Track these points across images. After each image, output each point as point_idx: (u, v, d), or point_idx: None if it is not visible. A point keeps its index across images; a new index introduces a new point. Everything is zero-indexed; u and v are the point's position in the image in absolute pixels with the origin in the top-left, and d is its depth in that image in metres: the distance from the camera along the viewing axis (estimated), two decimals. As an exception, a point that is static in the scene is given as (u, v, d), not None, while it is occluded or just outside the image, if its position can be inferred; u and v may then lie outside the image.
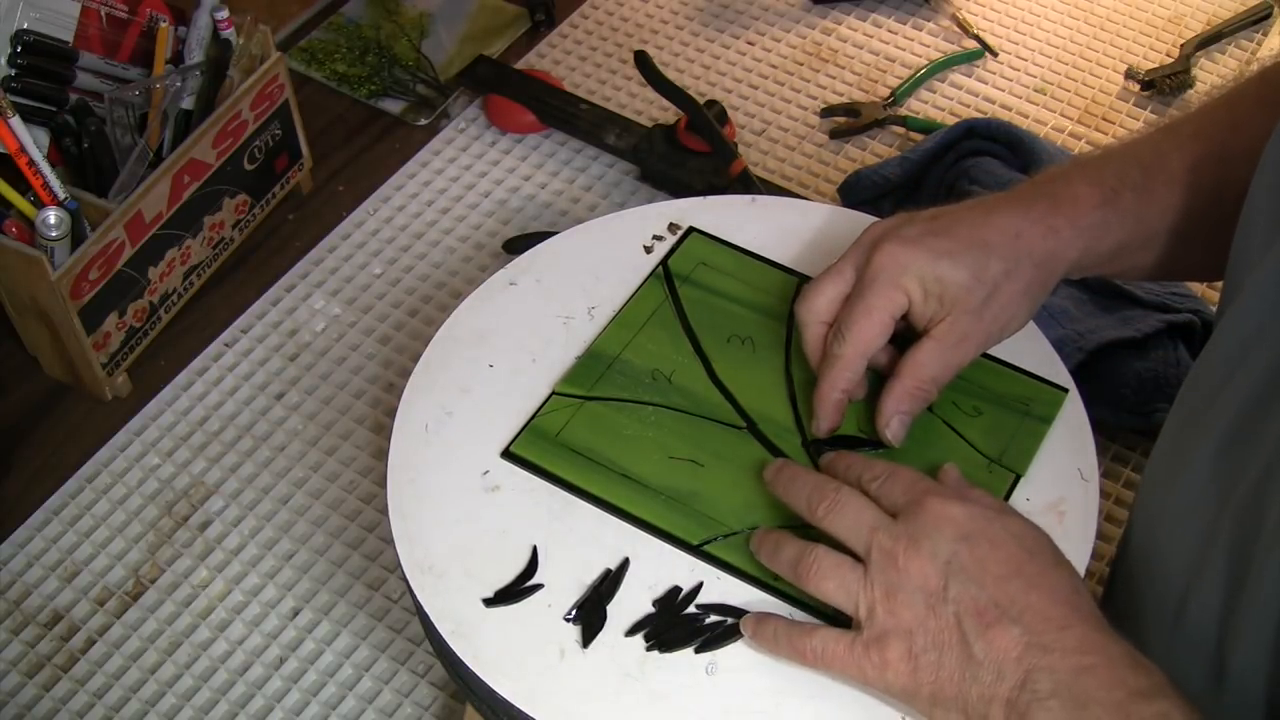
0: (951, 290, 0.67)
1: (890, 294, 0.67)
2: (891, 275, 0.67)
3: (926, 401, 0.69)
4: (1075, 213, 0.68)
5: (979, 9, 1.21)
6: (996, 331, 0.69)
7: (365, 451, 0.93)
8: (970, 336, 0.68)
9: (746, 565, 0.65)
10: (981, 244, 0.67)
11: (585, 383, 0.72)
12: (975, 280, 0.67)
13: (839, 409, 0.69)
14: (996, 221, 0.68)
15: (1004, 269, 0.67)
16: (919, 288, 0.67)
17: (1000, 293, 0.67)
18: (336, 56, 1.17)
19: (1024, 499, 0.67)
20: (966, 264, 0.67)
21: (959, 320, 0.67)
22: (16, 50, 0.95)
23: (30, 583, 0.87)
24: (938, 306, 0.67)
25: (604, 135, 1.09)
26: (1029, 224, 0.68)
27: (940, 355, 0.68)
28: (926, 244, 0.67)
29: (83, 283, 0.89)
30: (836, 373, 0.68)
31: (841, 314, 0.69)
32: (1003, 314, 0.68)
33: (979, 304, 0.67)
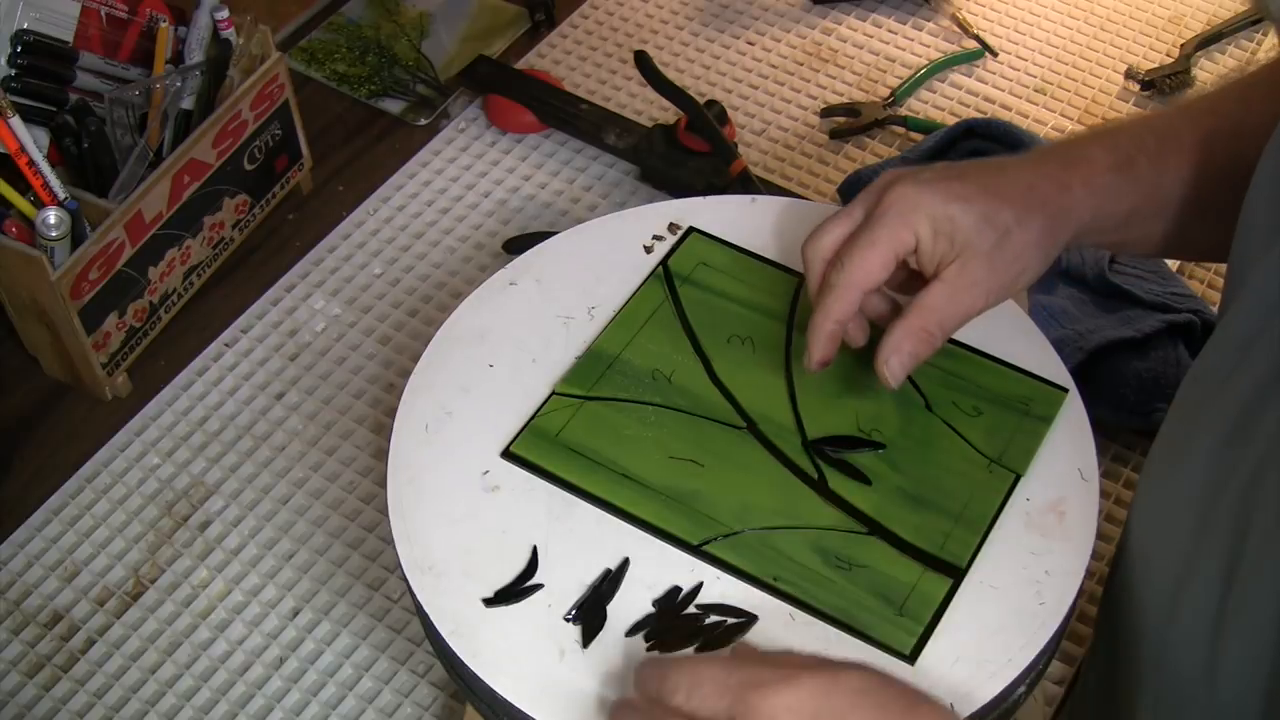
0: (962, 231, 0.66)
1: (898, 230, 0.66)
2: (901, 212, 0.66)
3: (930, 345, 0.67)
4: (1089, 172, 0.68)
5: (979, 9, 1.21)
6: (1008, 281, 0.68)
7: (365, 451, 0.93)
8: (980, 283, 0.67)
9: (747, 565, 0.65)
10: (994, 191, 0.67)
11: (585, 383, 0.72)
12: (986, 223, 0.66)
13: (833, 340, 0.68)
14: (1009, 174, 0.68)
15: (1015, 216, 0.66)
16: (929, 227, 0.66)
17: (1011, 240, 0.66)
18: (336, 56, 1.17)
19: (1024, 499, 0.67)
20: (978, 207, 0.66)
21: (969, 264, 0.66)
22: (16, 50, 0.95)
23: (30, 583, 0.87)
24: (948, 248, 0.66)
25: (604, 135, 1.09)
26: (1041, 178, 0.68)
27: (948, 297, 0.67)
28: (939, 186, 0.67)
29: (83, 283, 0.89)
30: (831, 301, 0.67)
31: (844, 246, 0.68)
32: (1015, 263, 0.67)
33: (990, 248, 0.66)
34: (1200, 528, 0.58)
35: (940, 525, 0.66)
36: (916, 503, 0.67)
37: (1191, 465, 0.59)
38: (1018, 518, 0.67)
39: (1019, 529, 0.66)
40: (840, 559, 0.65)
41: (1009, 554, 0.65)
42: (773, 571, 0.64)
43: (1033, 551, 0.65)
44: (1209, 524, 0.57)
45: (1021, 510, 0.67)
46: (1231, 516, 0.56)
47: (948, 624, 0.63)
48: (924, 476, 0.68)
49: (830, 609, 0.63)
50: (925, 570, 0.65)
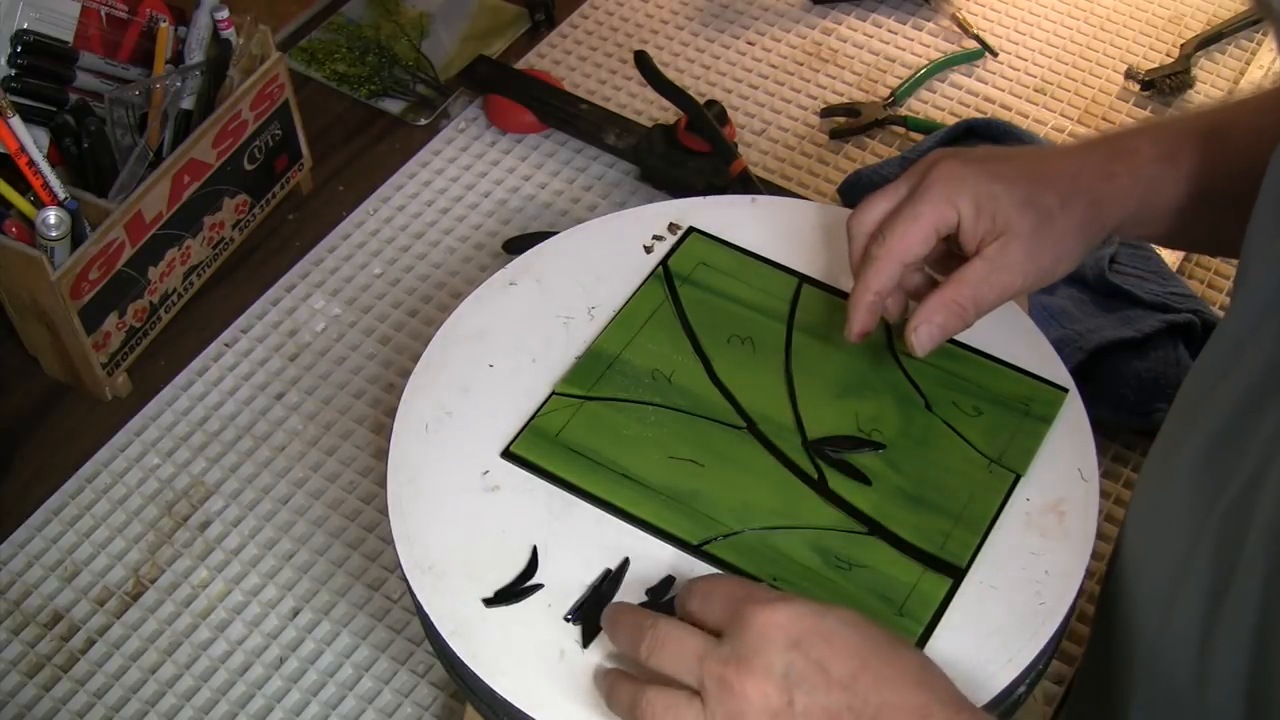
0: (1004, 210, 0.66)
1: (941, 206, 0.67)
2: (945, 189, 0.67)
3: (960, 319, 0.68)
4: (1134, 162, 0.68)
5: (979, 9, 1.21)
6: (1047, 265, 0.67)
7: (365, 451, 0.93)
8: (1019, 264, 0.67)
9: (747, 565, 0.65)
10: (1039, 175, 0.67)
11: (585, 383, 0.72)
12: (1029, 205, 0.66)
13: (871, 311, 0.69)
14: (1055, 160, 0.68)
15: (1059, 201, 0.66)
16: (971, 204, 0.66)
17: (1053, 224, 0.66)
18: (336, 56, 1.17)
19: (1024, 499, 0.67)
20: (1022, 189, 0.66)
21: (1009, 244, 0.66)
22: (16, 50, 0.95)
23: (30, 583, 0.87)
24: (989, 226, 0.66)
25: (604, 135, 1.09)
26: (1087, 166, 0.68)
27: (986, 274, 0.67)
28: (985, 166, 0.67)
29: (83, 283, 0.89)
30: (871, 273, 0.68)
31: (887, 219, 0.68)
32: (1055, 248, 0.67)
33: (1030, 230, 0.66)
34: (1193, 533, 0.57)
35: (940, 525, 0.66)
36: (916, 503, 0.67)
37: (1186, 469, 0.59)
38: (1018, 518, 0.67)
39: (1019, 529, 0.66)
40: (840, 559, 0.65)
41: (1009, 554, 0.65)
42: (772, 572, 0.64)
43: (1033, 551, 0.65)
44: (1202, 530, 0.57)
45: (1021, 510, 0.67)
46: (1224, 523, 0.56)
47: (947, 624, 0.63)
48: (924, 476, 0.68)
49: (830, 609, 0.63)
50: (925, 570, 0.65)
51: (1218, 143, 0.69)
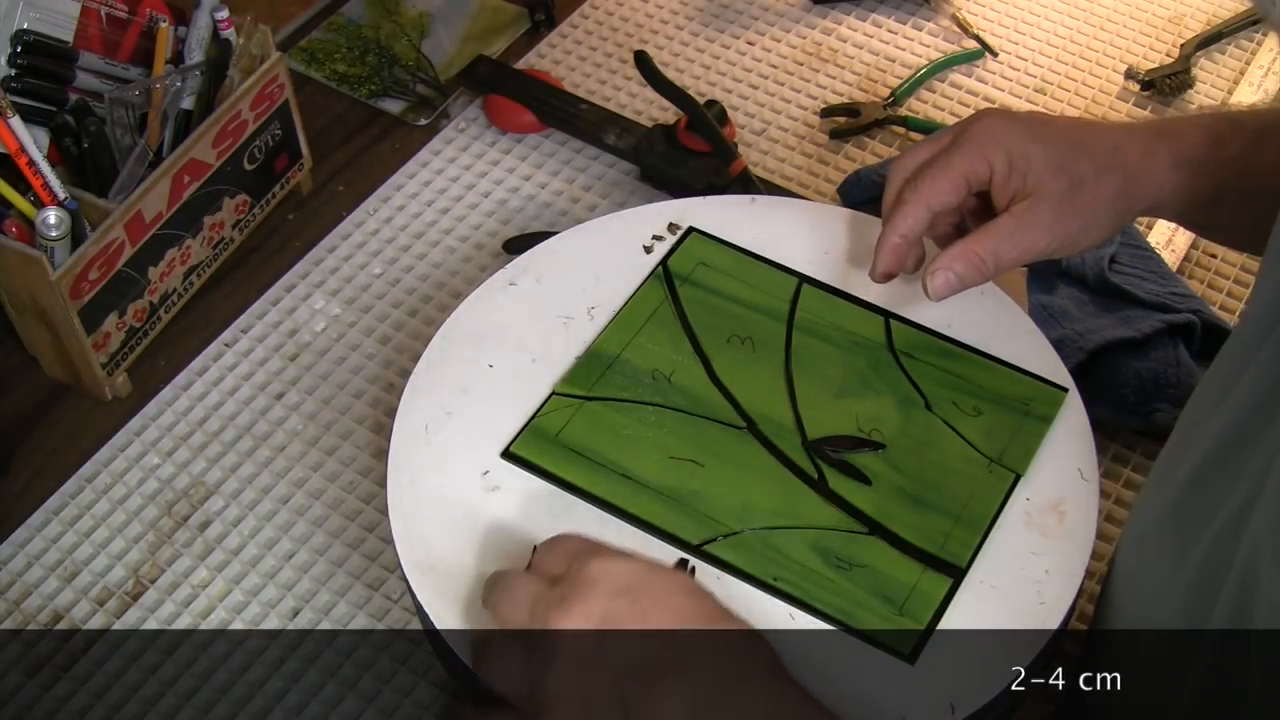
0: (1037, 170, 0.66)
1: (974, 158, 0.67)
2: (981, 142, 0.67)
3: (979, 272, 0.68)
4: (1178, 145, 0.68)
5: (979, 9, 1.21)
6: (1074, 231, 0.68)
7: (365, 451, 0.93)
8: (1045, 225, 0.67)
9: (747, 565, 0.65)
10: (1078, 141, 0.67)
11: (585, 383, 0.72)
12: (1062, 168, 0.66)
13: (896, 253, 0.70)
14: (1097, 130, 0.69)
15: (1094, 169, 0.67)
16: (1004, 160, 0.67)
17: (1085, 191, 0.66)
18: (336, 56, 1.17)
19: (1024, 499, 0.67)
20: (1058, 151, 0.66)
21: (1038, 204, 0.66)
22: (16, 50, 0.94)
23: (30, 583, 0.87)
24: (1020, 184, 0.67)
25: (604, 135, 1.09)
26: (1129, 141, 0.68)
27: (1011, 231, 0.67)
28: (1025, 124, 0.68)
29: (83, 283, 0.89)
30: (899, 216, 0.69)
31: (921, 166, 0.69)
32: (1084, 214, 0.67)
33: (1061, 193, 0.66)
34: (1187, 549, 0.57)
35: (940, 525, 0.66)
36: (916, 503, 0.67)
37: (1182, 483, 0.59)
38: (1018, 517, 0.67)
39: (1019, 529, 0.66)
40: (840, 559, 0.65)
41: (1009, 554, 0.65)
42: (773, 572, 0.64)
43: (1033, 551, 0.65)
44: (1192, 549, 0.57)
45: (1021, 510, 0.67)
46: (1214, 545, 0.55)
47: (948, 623, 0.63)
48: (924, 476, 0.68)
49: (830, 609, 0.63)
50: (925, 570, 0.65)
51: (1271, 141, 0.68)
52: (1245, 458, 0.54)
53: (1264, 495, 0.52)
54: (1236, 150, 0.68)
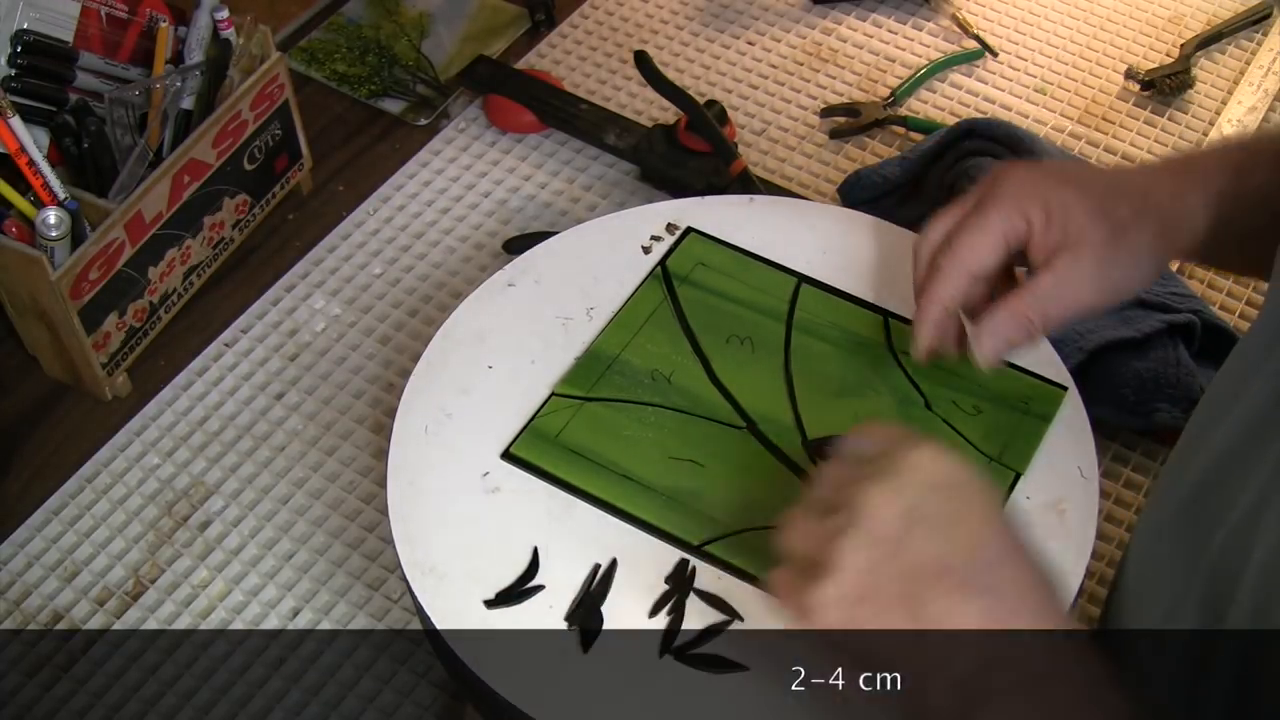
0: (1076, 218, 0.63)
1: (1010, 214, 0.64)
2: (1015, 197, 0.64)
3: (1027, 334, 0.65)
4: (1205, 183, 0.65)
5: (979, 9, 1.21)
6: (1119, 280, 0.65)
7: (365, 451, 0.93)
8: (1090, 279, 0.64)
9: (747, 565, 0.65)
10: (1112, 186, 0.65)
11: (584, 383, 0.72)
12: (1102, 215, 0.63)
13: (937, 326, 0.66)
14: (1128, 176, 0.66)
15: (1131, 216, 0.64)
16: (1041, 212, 0.63)
17: (1126, 238, 0.64)
18: (336, 56, 1.17)
19: (1024, 497, 0.67)
20: (1094, 197, 0.64)
21: (1080, 256, 0.63)
22: (16, 50, 0.95)
23: (30, 583, 0.87)
24: (1060, 236, 0.63)
25: (604, 135, 1.09)
26: (1156, 184, 0.65)
27: (1056, 288, 0.64)
28: (1055, 175, 0.65)
29: (83, 283, 0.89)
30: (938, 283, 0.65)
31: (954, 230, 0.65)
32: (1127, 261, 0.64)
33: (1103, 241, 0.63)
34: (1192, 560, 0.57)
35: None
36: (916, 503, 0.67)
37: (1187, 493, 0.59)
38: (1018, 516, 0.66)
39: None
40: (840, 559, 0.65)
41: (1009, 554, 0.65)
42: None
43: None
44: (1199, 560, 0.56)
45: (1022, 509, 0.67)
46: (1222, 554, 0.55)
47: (947, 624, 0.63)
48: (924, 476, 0.68)
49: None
50: (925, 570, 0.65)
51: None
52: (1257, 460, 0.54)
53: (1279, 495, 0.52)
54: (1260, 180, 0.65)
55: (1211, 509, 0.56)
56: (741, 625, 0.63)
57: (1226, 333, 0.92)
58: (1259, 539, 0.52)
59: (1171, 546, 0.60)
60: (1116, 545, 0.87)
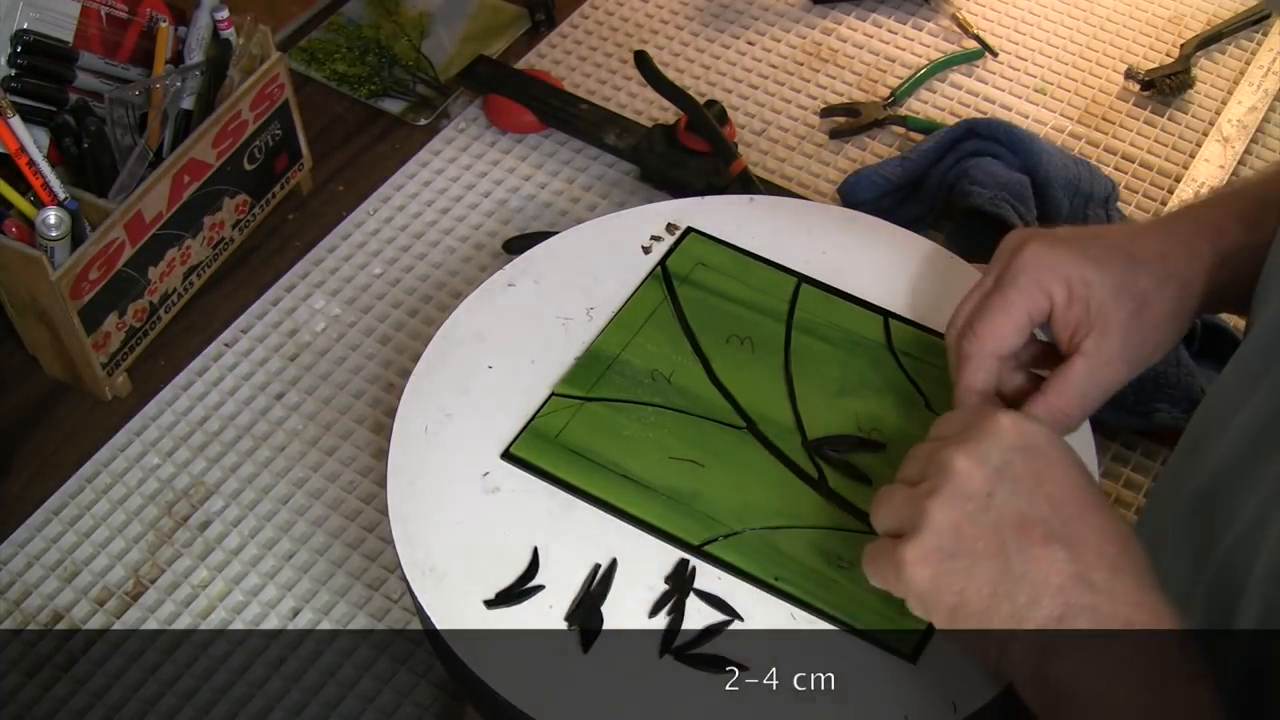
0: (1099, 295, 0.63)
1: (1032, 291, 0.63)
2: (1035, 273, 0.63)
3: (1067, 427, 0.65)
4: (1219, 238, 0.65)
5: (979, 9, 1.21)
6: (1146, 354, 0.64)
7: (365, 451, 0.93)
8: (1119, 358, 0.64)
9: (748, 565, 0.65)
10: (1130, 256, 0.64)
11: (584, 384, 0.72)
12: (1124, 290, 0.63)
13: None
14: (1142, 240, 0.65)
15: (1153, 284, 0.63)
16: (1064, 289, 0.63)
17: (1149, 309, 0.63)
18: (336, 56, 1.17)
19: (1024, 499, 0.67)
20: (1115, 271, 0.63)
21: (1108, 334, 0.63)
22: (16, 50, 0.95)
23: (30, 583, 0.87)
24: (1083, 314, 0.63)
25: (604, 135, 1.09)
26: (1174, 245, 0.64)
27: (1089, 375, 0.63)
28: (1074, 247, 0.64)
29: (83, 283, 0.89)
30: (968, 373, 0.65)
31: (975, 311, 0.65)
32: (1152, 335, 0.64)
33: (1127, 317, 0.63)
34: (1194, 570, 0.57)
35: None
36: (916, 503, 0.67)
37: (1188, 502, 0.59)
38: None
39: (1019, 529, 0.66)
40: (841, 559, 0.65)
41: (1009, 554, 0.65)
42: (774, 571, 0.64)
43: (1033, 551, 0.65)
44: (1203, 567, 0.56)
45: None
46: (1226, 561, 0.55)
47: (948, 624, 0.63)
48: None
49: (832, 609, 0.63)
50: (925, 570, 0.65)
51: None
52: (1266, 461, 0.54)
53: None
54: (1271, 228, 0.64)
55: (1222, 507, 0.56)
56: (741, 625, 0.63)
57: (1226, 333, 0.92)
58: (1267, 537, 0.52)
59: (1179, 544, 0.59)
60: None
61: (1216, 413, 0.60)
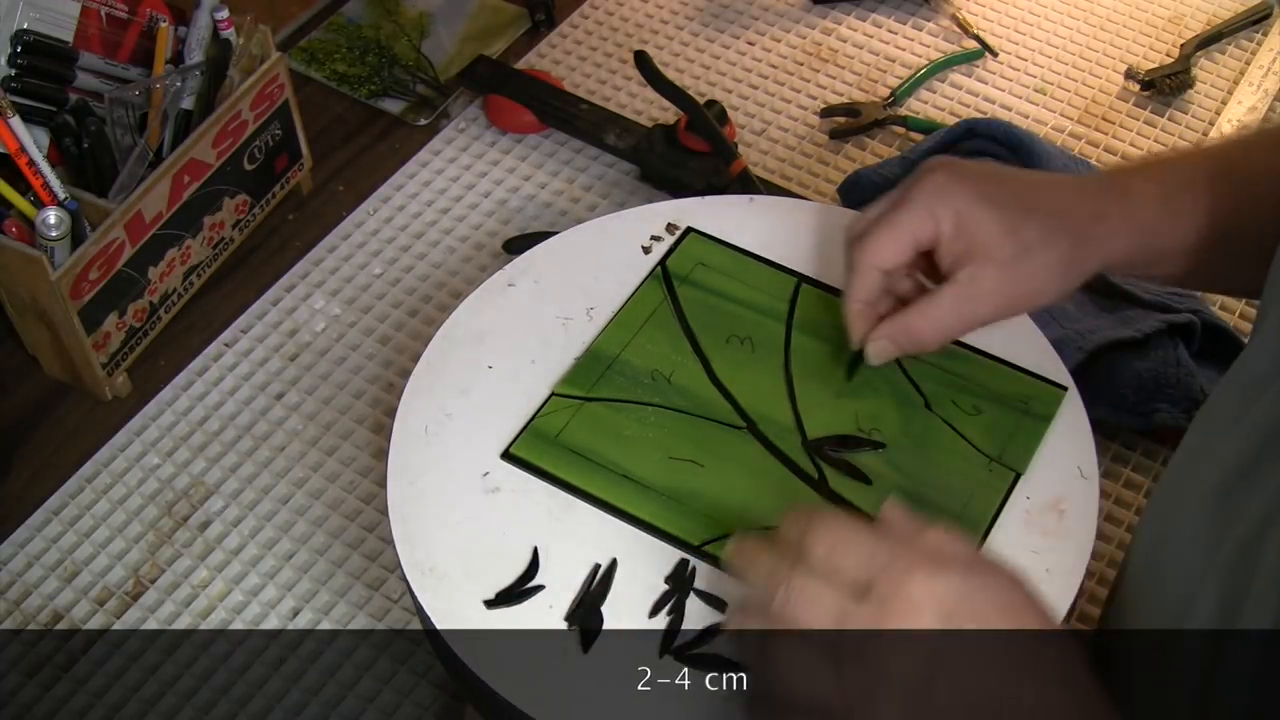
0: (981, 235, 0.65)
1: (919, 217, 0.66)
2: (927, 200, 0.66)
3: (920, 346, 0.68)
4: (1129, 205, 0.67)
5: (979, 9, 1.21)
6: (1019, 297, 0.67)
7: (365, 451, 0.93)
8: (990, 294, 0.66)
9: (746, 565, 0.65)
10: (1028, 204, 0.66)
11: (584, 384, 0.72)
12: (1008, 233, 0.65)
13: (859, 318, 0.69)
14: (1049, 191, 0.67)
15: (1040, 235, 0.65)
16: (951, 221, 0.66)
17: (1031, 256, 0.65)
18: (336, 56, 1.17)
19: (1024, 497, 0.67)
20: (1004, 215, 0.65)
21: (983, 271, 0.66)
22: (16, 50, 0.95)
23: (30, 583, 0.87)
24: (965, 248, 0.66)
25: (604, 135, 1.09)
26: (1080, 202, 0.67)
27: (953, 303, 0.67)
28: (974, 183, 0.66)
29: (83, 283, 0.89)
30: (853, 283, 0.68)
31: (869, 225, 0.68)
32: (1029, 280, 0.66)
33: (1007, 259, 0.65)
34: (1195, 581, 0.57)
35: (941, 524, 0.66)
36: (917, 502, 0.67)
37: (1194, 507, 0.58)
38: (1018, 516, 0.67)
39: (1019, 527, 0.66)
40: (840, 559, 0.65)
41: (1010, 552, 0.65)
42: (772, 571, 0.64)
43: (1033, 550, 0.65)
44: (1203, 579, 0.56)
45: (1022, 508, 0.67)
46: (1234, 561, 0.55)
47: (948, 624, 0.63)
48: (924, 475, 0.68)
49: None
50: (925, 570, 0.65)
51: (1226, 184, 0.67)
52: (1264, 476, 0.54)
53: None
54: (1193, 203, 0.67)
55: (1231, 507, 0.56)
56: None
57: (1226, 333, 0.92)
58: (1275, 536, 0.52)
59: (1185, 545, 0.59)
60: (1117, 545, 0.87)
61: (1222, 414, 0.60)
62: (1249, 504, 0.55)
